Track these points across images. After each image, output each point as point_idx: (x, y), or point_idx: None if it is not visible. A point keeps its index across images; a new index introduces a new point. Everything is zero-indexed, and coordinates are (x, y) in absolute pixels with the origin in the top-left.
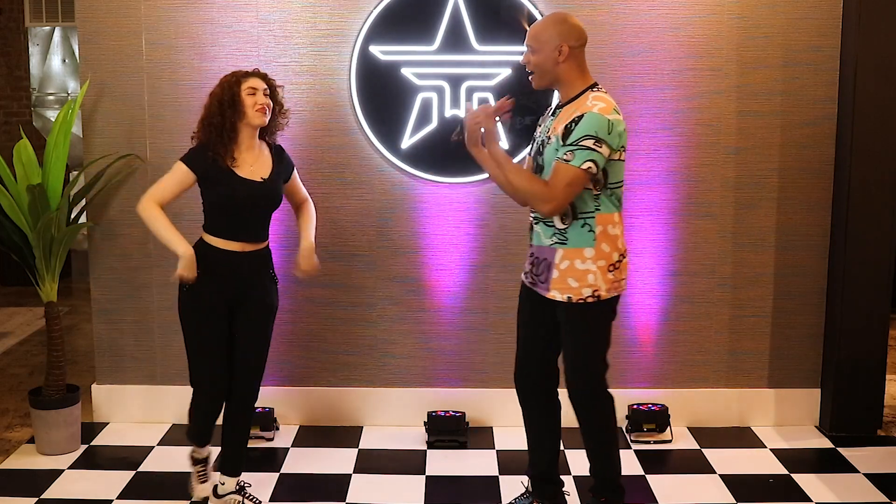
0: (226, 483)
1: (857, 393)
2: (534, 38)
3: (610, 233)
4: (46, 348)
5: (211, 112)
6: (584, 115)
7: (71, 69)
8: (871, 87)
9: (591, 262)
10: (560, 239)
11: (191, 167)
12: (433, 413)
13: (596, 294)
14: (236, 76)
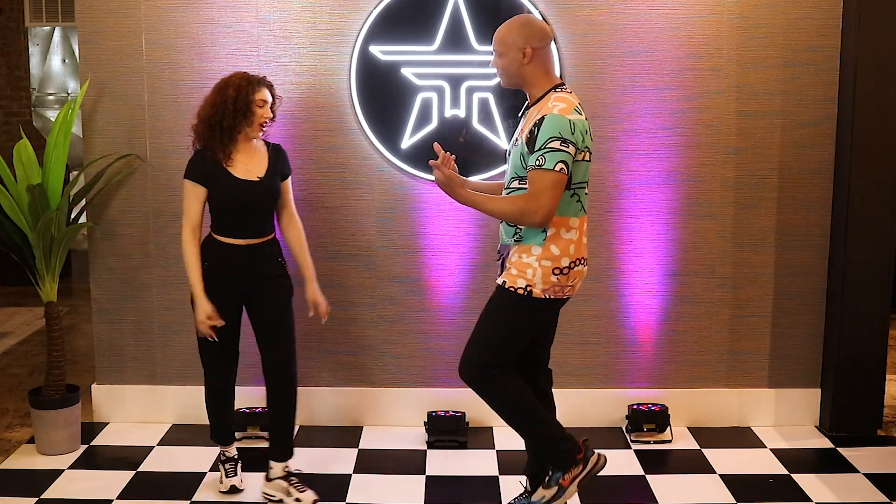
0: (274, 468)
1: (857, 393)
2: (499, 41)
3: (563, 236)
4: (46, 348)
5: (218, 112)
6: (545, 117)
7: (71, 69)
8: (871, 87)
9: (535, 259)
10: (518, 237)
11: (195, 180)
12: (433, 413)
13: (528, 289)
14: (250, 82)
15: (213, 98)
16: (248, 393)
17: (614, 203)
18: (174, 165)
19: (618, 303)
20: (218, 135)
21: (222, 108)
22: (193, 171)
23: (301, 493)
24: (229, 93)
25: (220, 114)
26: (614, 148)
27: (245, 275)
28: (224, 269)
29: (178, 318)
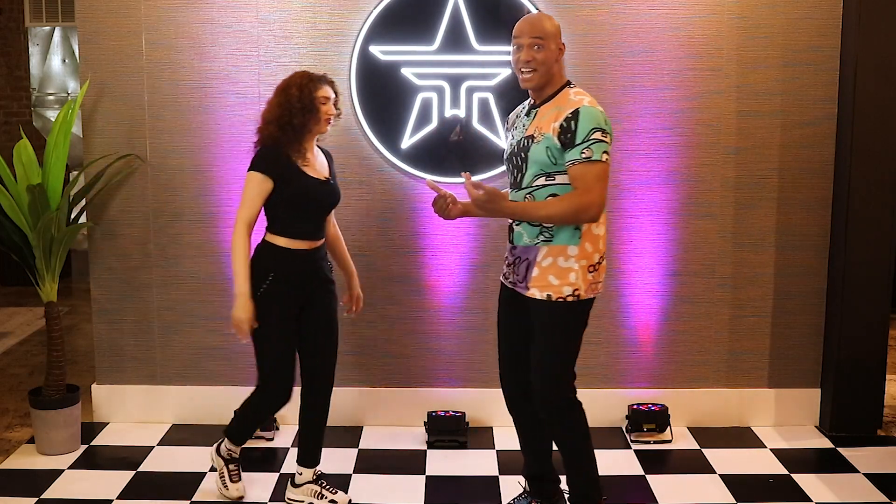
0: (303, 473)
1: (857, 393)
2: (542, 33)
3: (594, 232)
4: (46, 348)
5: (285, 112)
6: (579, 110)
7: (71, 69)
8: (871, 87)
9: (574, 261)
10: (546, 237)
11: (267, 173)
12: (433, 413)
13: (576, 293)
14: (311, 79)
15: (278, 99)
16: (247, 393)
17: (614, 203)
18: (174, 165)
19: (618, 303)
20: (290, 134)
21: (289, 107)
22: (265, 164)
23: (334, 494)
24: (293, 92)
25: (289, 113)
26: (614, 148)
27: (307, 279)
28: (291, 277)
29: (178, 318)
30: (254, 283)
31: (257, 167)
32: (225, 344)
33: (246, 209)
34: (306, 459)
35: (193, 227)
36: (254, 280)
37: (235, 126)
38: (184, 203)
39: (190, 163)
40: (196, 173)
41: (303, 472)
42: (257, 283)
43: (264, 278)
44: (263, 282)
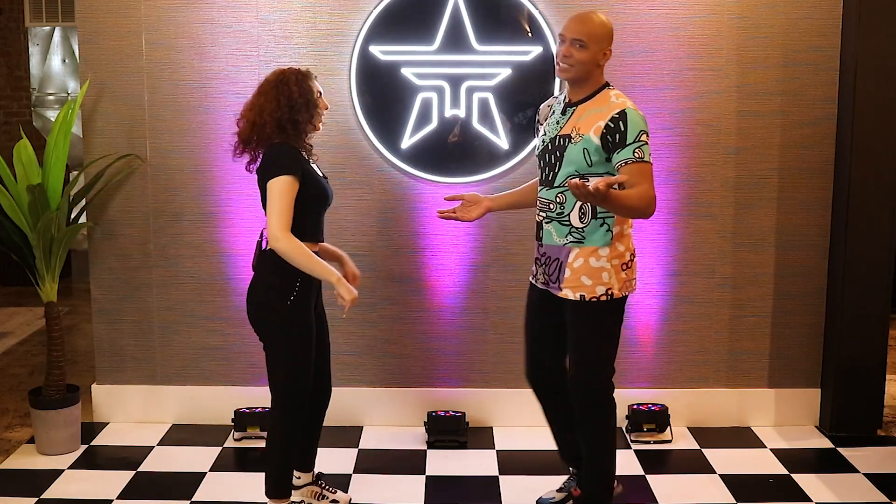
0: (302, 476)
1: (857, 393)
2: (588, 34)
3: (625, 232)
4: (46, 348)
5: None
6: (626, 112)
7: (71, 69)
8: (871, 87)
9: (606, 261)
10: (577, 237)
11: (294, 175)
12: (433, 413)
13: (609, 292)
14: (305, 76)
15: (274, 98)
16: (247, 393)
17: None
18: (174, 165)
19: None
20: (291, 132)
21: (290, 104)
22: (293, 165)
23: (334, 494)
24: (293, 88)
25: (289, 110)
26: None
27: (319, 284)
28: (312, 281)
29: (178, 318)
30: (282, 294)
31: (284, 170)
32: (225, 344)
33: (282, 216)
34: (308, 463)
35: (193, 227)
36: (282, 290)
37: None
38: (184, 203)
39: (190, 163)
40: (196, 173)
41: (301, 476)
42: (286, 292)
43: (293, 287)
44: (292, 290)
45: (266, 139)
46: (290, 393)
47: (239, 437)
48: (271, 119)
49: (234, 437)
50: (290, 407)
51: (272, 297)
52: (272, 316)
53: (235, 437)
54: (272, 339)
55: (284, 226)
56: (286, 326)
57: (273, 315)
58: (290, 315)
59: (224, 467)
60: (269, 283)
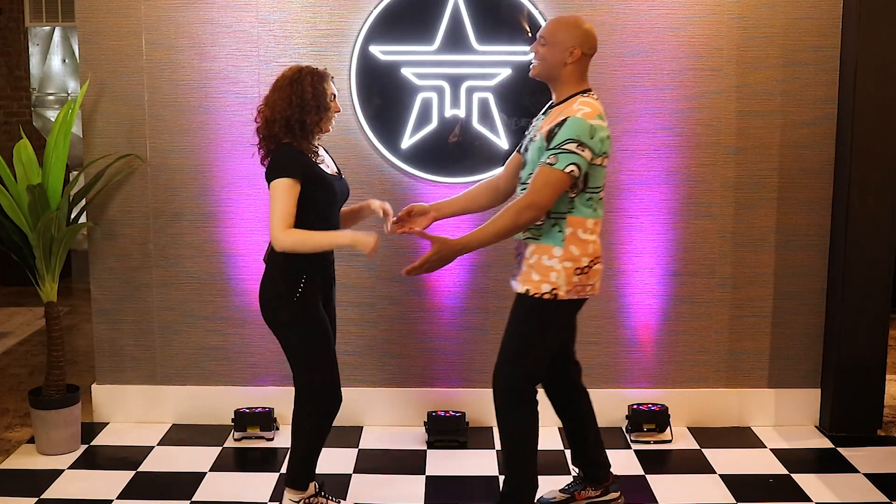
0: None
1: (857, 393)
2: (550, 32)
3: (580, 237)
4: (46, 348)
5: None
6: (568, 118)
7: (71, 69)
8: (871, 87)
9: (558, 261)
10: (533, 234)
11: (294, 177)
12: (433, 413)
13: (554, 292)
14: (322, 77)
15: (287, 96)
16: (247, 393)
17: (614, 203)
18: (174, 165)
19: (618, 303)
20: (298, 132)
21: (300, 104)
22: (292, 168)
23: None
24: (306, 88)
25: (300, 111)
26: (614, 148)
27: (329, 280)
28: (322, 281)
29: (178, 318)
30: (288, 290)
31: (284, 172)
32: (225, 344)
33: (284, 217)
34: None
35: (193, 227)
36: (288, 286)
37: (235, 126)
38: (184, 203)
39: (190, 163)
40: (196, 173)
41: None
42: (292, 288)
43: (298, 283)
44: (298, 287)
45: (274, 137)
46: (316, 385)
47: (239, 437)
48: (281, 117)
49: (234, 437)
50: (318, 399)
51: (280, 294)
52: (282, 313)
53: (235, 437)
54: (287, 336)
55: (284, 225)
56: (297, 323)
57: (282, 312)
58: (298, 311)
59: (224, 467)
60: (277, 280)
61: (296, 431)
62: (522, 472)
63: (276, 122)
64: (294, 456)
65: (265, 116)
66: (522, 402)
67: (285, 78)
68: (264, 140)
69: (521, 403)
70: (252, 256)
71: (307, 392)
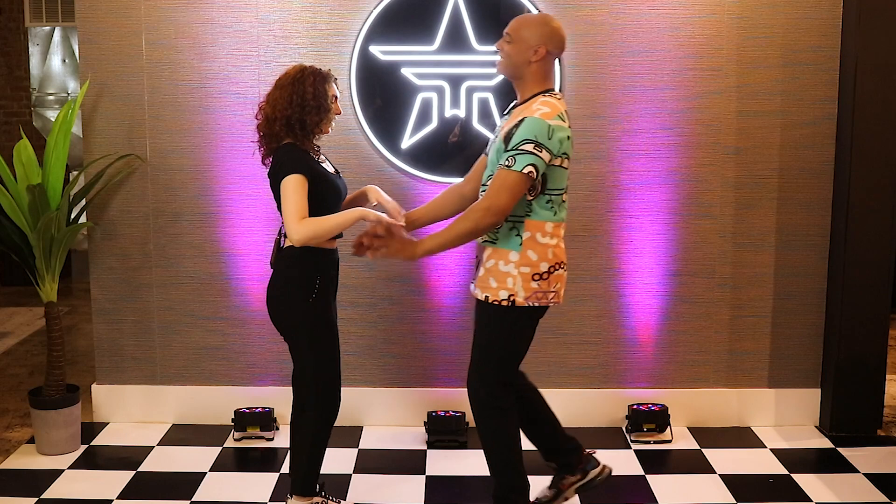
0: None
1: (857, 393)
2: (515, 29)
3: (539, 241)
4: (46, 348)
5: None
6: (525, 119)
7: (71, 69)
8: (871, 87)
9: (514, 267)
10: (491, 238)
11: (304, 173)
12: (433, 413)
13: (511, 299)
14: (323, 76)
15: (288, 95)
16: (247, 393)
17: (614, 203)
18: (174, 165)
19: (618, 303)
20: (298, 132)
21: (301, 104)
22: (300, 165)
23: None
24: (307, 88)
25: (300, 111)
26: (614, 148)
27: (336, 280)
28: (330, 278)
29: (178, 318)
30: (304, 292)
31: (294, 169)
32: (225, 344)
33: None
34: None
35: (193, 227)
36: (303, 288)
37: (235, 126)
38: (184, 203)
39: (190, 163)
40: (196, 173)
41: None
42: (307, 290)
43: (313, 284)
44: (313, 288)
45: (275, 136)
46: (320, 388)
47: (239, 437)
48: (281, 115)
49: (233, 437)
50: (320, 403)
51: (295, 295)
52: (296, 314)
53: (235, 437)
54: (297, 336)
55: (299, 218)
56: (309, 323)
57: (297, 313)
58: (312, 313)
59: (224, 467)
60: (290, 283)
61: (298, 440)
62: (509, 475)
63: (277, 120)
64: (298, 464)
65: (266, 114)
66: (496, 408)
67: (288, 76)
68: (265, 138)
69: (496, 410)
70: (252, 256)
71: (309, 395)
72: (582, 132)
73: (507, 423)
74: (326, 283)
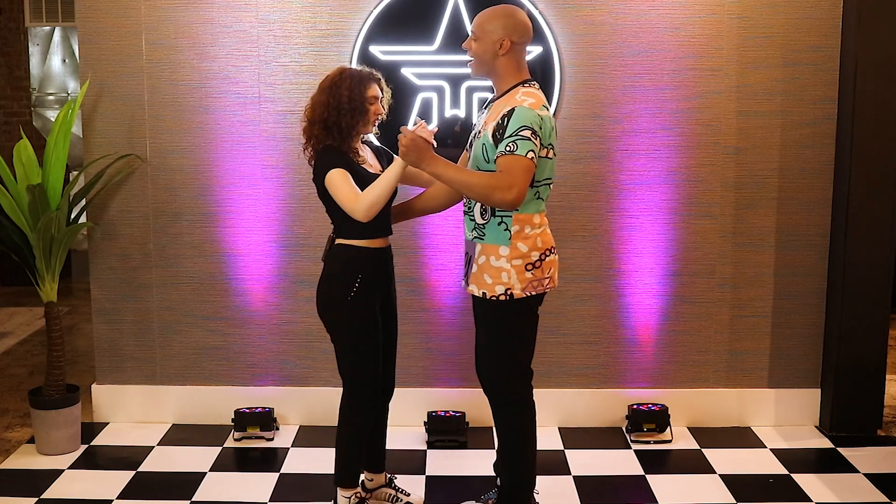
0: (374, 479)
1: (857, 393)
2: (478, 26)
3: (527, 233)
4: (46, 348)
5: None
6: (515, 108)
7: (71, 69)
8: (871, 87)
9: (506, 261)
10: (479, 234)
11: (344, 167)
12: (433, 413)
13: (509, 292)
14: (361, 78)
15: (325, 99)
16: (247, 393)
17: (614, 203)
18: (174, 165)
19: (618, 303)
20: (336, 135)
21: (337, 107)
22: (340, 160)
23: (408, 497)
24: (343, 92)
25: (336, 114)
26: (614, 148)
27: (386, 277)
28: (376, 276)
29: (178, 318)
30: (343, 288)
31: (334, 164)
32: (225, 344)
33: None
34: (376, 464)
35: (193, 227)
36: (343, 285)
37: (235, 126)
38: (184, 203)
39: (190, 163)
40: (196, 173)
41: (373, 478)
42: (347, 287)
43: (353, 282)
44: (353, 285)
45: (316, 138)
46: (357, 384)
47: (239, 437)
48: (319, 119)
49: (233, 437)
50: (358, 398)
51: (336, 291)
52: (336, 309)
53: (235, 437)
54: (337, 332)
55: (353, 197)
56: (348, 320)
57: (337, 309)
58: (351, 309)
59: (224, 467)
60: (334, 278)
61: (338, 433)
62: (521, 469)
63: (316, 123)
64: (336, 455)
65: (308, 116)
66: (518, 403)
67: (327, 79)
68: (308, 140)
69: (518, 406)
70: (252, 256)
71: (350, 389)
72: (582, 132)
73: (527, 418)
74: (372, 283)
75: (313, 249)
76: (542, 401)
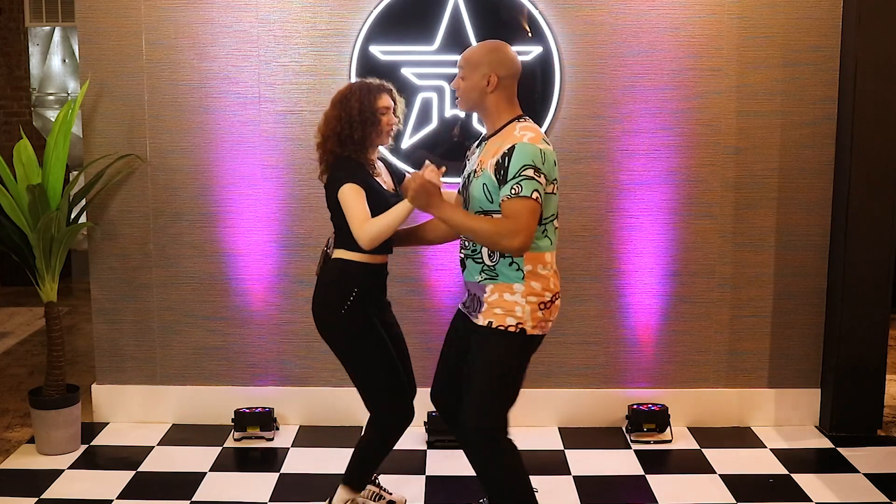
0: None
1: (857, 393)
2: (465, 62)
3: (540, 272)
4: (46, 348)
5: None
6: (516, 146)
7: (71, 69)
8: (871, 87)
9: (521, 296)
10: (489, 275)
11: (358, 183)
12: (433, 413)
13: (520, 326)
14: (370, 89)
15: (335, 112)
16: (247, 393)
17: (614, 203)
18: (174, 165)
19: (618, 303)
20: (351, 147)
21: (348, 120)
22: (356, 175)
23: (390, 495)
24: (353, 104)
25: (349, 127)
26: (614, 148)
27: (382, 293)
28: (371, 291)
29: (178, 318)
30: (338, 301)
31: (348, 178)
32: (225, 344)
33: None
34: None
35: (193, 227)
36: (338, 297)
37: (235, 126)
38: (184, 203)
39: (190, 163)
40: (196, 173)
41: None
42: (341, 300)
43: (348, 295)
44: (348, 299)
45: (330, 152)
46: (373, 395)
47: (239, 437)
48: (332, 133)
49: (233, 437)
50: (378, 407)
51: (330, 305)
52: (328, 322)
53: (235, 437)
54: (338, 347)
55: (361, 222)
56: (345, 334)
57: (329, 321)
58: (346, 323)
59: (224, 467)
60: (328, 291)
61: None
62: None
63: (329, 138)
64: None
65: (322, 133)
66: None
67: (340, 93)
68: (322, 154)
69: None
70: (252, 256)
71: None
72: (582, 132)
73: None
74: (367, 296)
75: (313, 249)
76: (542, 401)
